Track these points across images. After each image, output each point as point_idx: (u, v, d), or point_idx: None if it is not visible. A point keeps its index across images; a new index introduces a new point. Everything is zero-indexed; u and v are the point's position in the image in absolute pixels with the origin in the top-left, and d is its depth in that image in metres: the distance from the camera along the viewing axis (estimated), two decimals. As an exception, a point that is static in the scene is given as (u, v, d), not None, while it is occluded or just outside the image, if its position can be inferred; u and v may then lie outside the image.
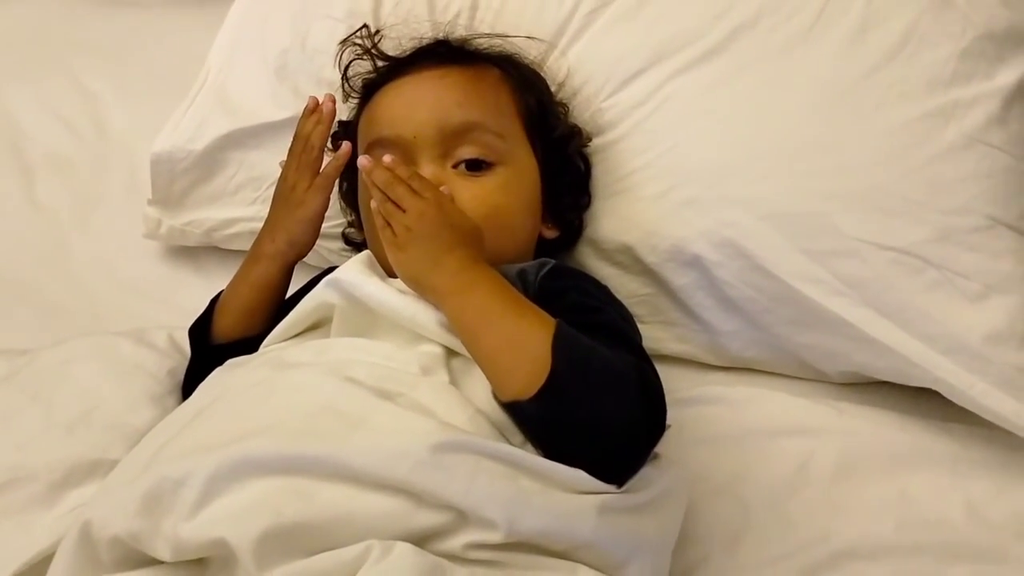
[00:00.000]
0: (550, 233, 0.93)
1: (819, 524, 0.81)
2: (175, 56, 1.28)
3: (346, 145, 0.85)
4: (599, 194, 0.96)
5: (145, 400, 0.88)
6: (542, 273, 0.80)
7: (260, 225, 1.05)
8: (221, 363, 0.81)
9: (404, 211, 0.75)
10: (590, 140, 0.97)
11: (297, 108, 1.04)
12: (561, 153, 0.93)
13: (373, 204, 0.77)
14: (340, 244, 1.04)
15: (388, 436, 0.65)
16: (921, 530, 0.80)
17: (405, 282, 0.76)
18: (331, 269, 0.94)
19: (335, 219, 1.00)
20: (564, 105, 0.97)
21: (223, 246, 1.12)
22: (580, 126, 0.96)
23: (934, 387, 0.84)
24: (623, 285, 0.94)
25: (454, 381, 0.72)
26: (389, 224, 0.76)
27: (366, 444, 0.64)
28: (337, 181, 0.91)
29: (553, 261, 0.82)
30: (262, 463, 0.63)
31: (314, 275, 0.93)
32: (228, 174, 1.08)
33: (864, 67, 0.89)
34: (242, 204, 1.08)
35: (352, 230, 1.01)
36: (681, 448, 0.76)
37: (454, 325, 0.73)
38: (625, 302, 0.84)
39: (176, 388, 0.92)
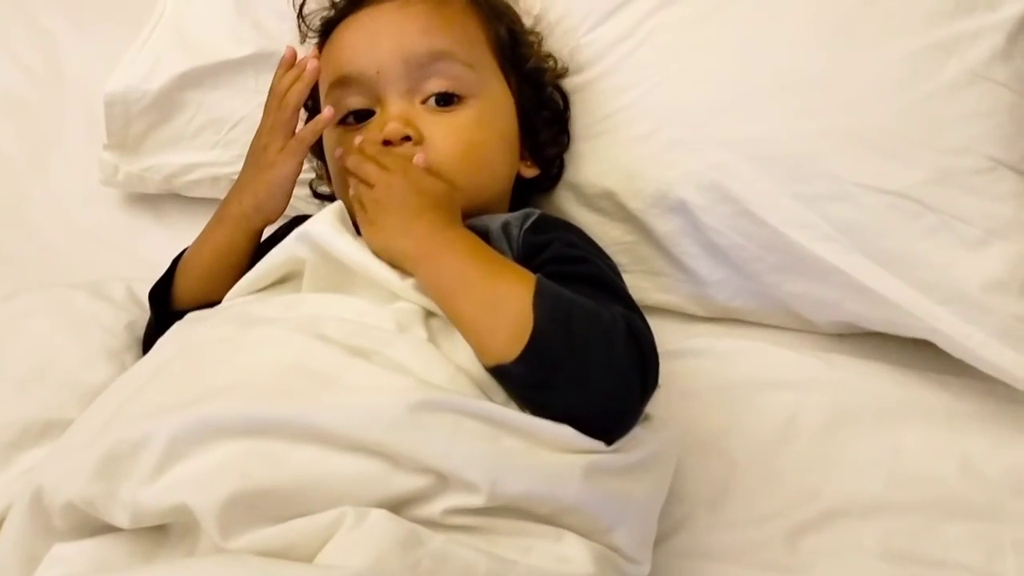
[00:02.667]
0: (529, 172, 0.89)
1: (808, 480, 0.78)
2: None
3: (328, 111, 0.79)
4: (579, 135, 0.91)
5: (101, 356, 0.84)
6: (526, 226, 0.76)
7: (222, 171, 1.03)
8: None
9: (373, 187, 0.73)
10: (566, 71, 0.92)
11: (259, 44, 1.00)
12: (537, 85, 0.89)
13: (351, 192, 0.75)
14: (308, 191, 0.99)
15: (362, 395, 0.62)
16: (914, 486, 0.77)
17: (378, 254, 0.72)
18: (299, 219, 0.90)
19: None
20: (538, 35, 0.92)
21: (184, 193, 1.07)
22: (556, 56, 0.91)
23: (930, 338, 0.80)
24: (605, 233, 0.90)
25: (432, 339, 0.69)
26: (363, 205, 0.73)
27: (338, 403, 0.61)
28: None
29: (537, 212, 0.79)
30: (227, 424, 0.60)
31: (281, 224, 0.89)
32: (187, 116, 1.03)
33: (860, -2, 0.84)
34: (203, 148, 1.03)
35: (319, 180, 0.97)
36: (666, 402, 0.72)
37: (430, 292, 0.70)
38: (607, 251, 0.80)
39: (135, 343, 0.88)
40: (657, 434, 0.69)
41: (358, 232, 0.75)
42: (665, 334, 0.83)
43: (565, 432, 0.63)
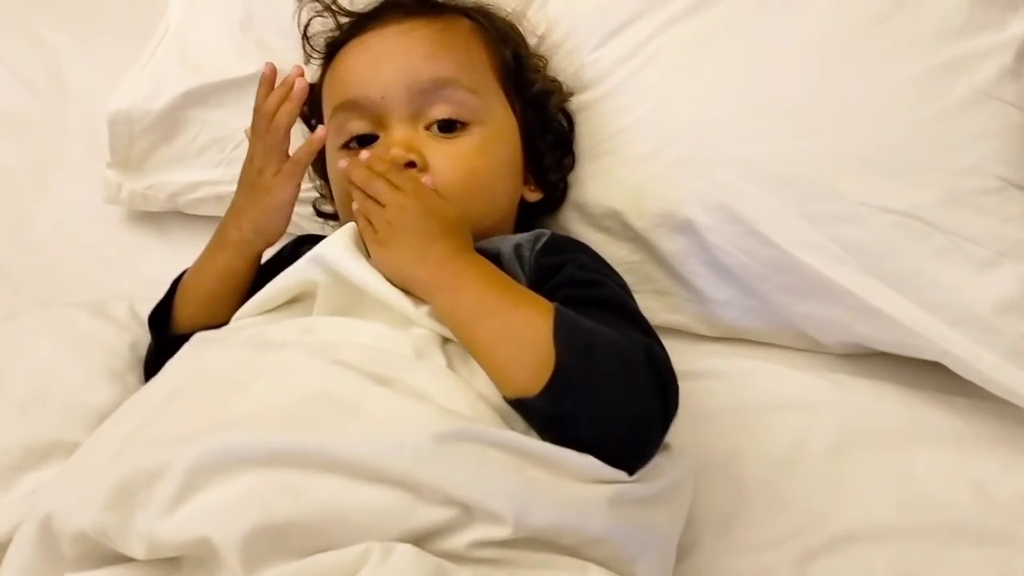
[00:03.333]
0: (533, 196, 0.88)
1: (817, 505, 0.77)
2: (139, 8, 1.20)
3: (320, 130, 0.78)
4: (584, 155, 0.91)
5: (104, 377, 0.84)
6: (537, 248, 0.76)
7: (226, 189, 1.01)
8: None
9: (383, 206, 0.71)
10: (571, 95, 0.91)
11: (263, 62, 0.96)
12: (541, 109, 0.88)
13: (355, 206, 0.73)
14: (310, 210, 0.98)
15: (386, 424, 0.61)
16: (925, 511, 0.76)
17: (390, 279, 0.71)
18: (302, 239, 0.90)
19: (306, 182, 0.94)
20: (543, 58, 0.91)
21: (188, 211, 1.07)
22: (561, 81, 0.91)
23: (940, 360, 0.79)
24: (611, 252, 0.88)
25: (451, 365, 0.68)
26: (371, 223, 0.72)
27: (362, 433, 0.60)
28: None
29: (548, 233, 0.78)
30: (248, 454, 0.58)
31: (288, 242, 0.89)
32: (190, 135, 1.03)
33: (868, 16, 0.83)
34: (207, 167, 1.03)
35: (322, 200, 0.96)
36: (675, 426, 0.71)
37: (446, 321, 0.69)
38: (614, 270, 0.79)
39: (137, 363, 0.87)
40: (676, 462, 0.69)
41: (366, 250, 0.74)
42: (673, 354, 0.81)
43: (589, 463, 0.62)
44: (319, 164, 0.91)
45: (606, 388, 0.63)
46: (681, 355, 0.85)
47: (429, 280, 0.70)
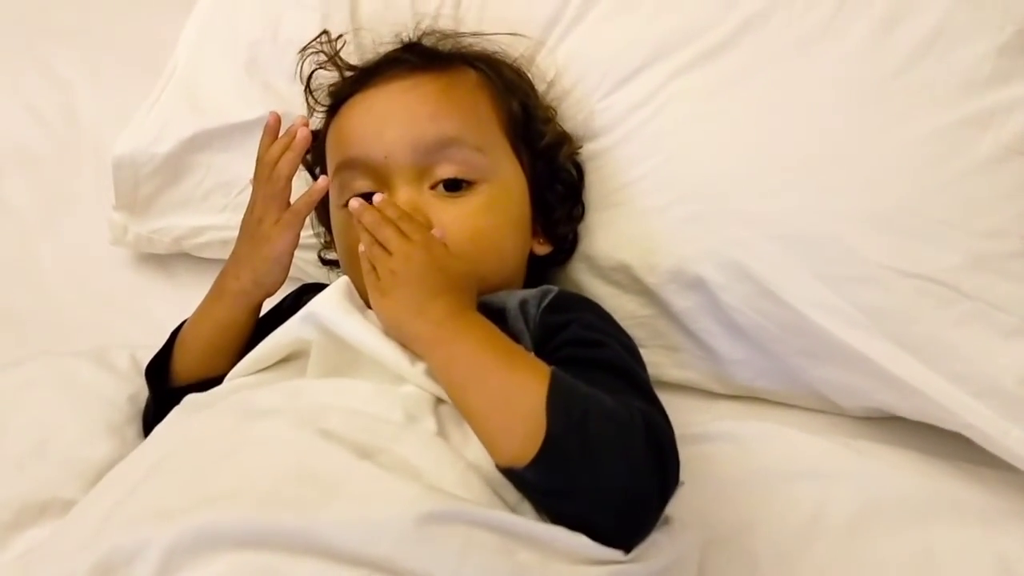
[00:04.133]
0: (541, 249, 0.86)
1: (834, 583, 0.74)
2: (154, 42, 1.19)
3: (322, 180, 0.76)
4: (593, 205, 0.88)
5: (103, 430, 0.83)
6: (543, 305, 0.74)
7: (231, 234, 0.99)
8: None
9: (390, 254, 0.69)
10: (581, 147, 0.89)
11: (269, 106, 0.97)
12: (551, 161, 0.86)
13: (361, 248, 0.71)
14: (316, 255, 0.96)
15: (368, 504, 0.58)
16: (946, 591, 0.72)
17: (387, 329, 0.70)
18: (305, 288, 0.89)
19: (310, 227, 0.93)
20: (552, 108, 0.89)
21: (194, 253, 1.06)
22: (571, 131, 0.89)
23: (964, 432, 0.76)
24: (620, 306, 0.86)
25: (442, 429, 0.66)
26: (375, 269, 0.70)
27: (343, 515, 0.57)
28: None
29: (555, 290, 0.76)
30: (227, 535, 0.57)
31: (289, 292, 0.88)
32: (196, 179, 1.01)
33: (890, 67, 0.80)
34: (212, 211, 1.02)
35: (326, 249, 0.94)
36: (684, 494, 0.68)
37: (440, 379, 0.67)
38: (622, 324, 0.76)
39: (137, 416, 0.86)
40: (678, 538, 0.66)
41: (366, 299, 0.72)
42: (683, 413, 0.80)
43: (581, 542, 0.60)
44: (323, 214, 0.90)
45: (599, 461, 0.61)
46: (691, 415, 0.83)
47: (426, 336, 0.68)
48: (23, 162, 1.19)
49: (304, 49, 0.91)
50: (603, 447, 0.61)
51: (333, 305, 0.70)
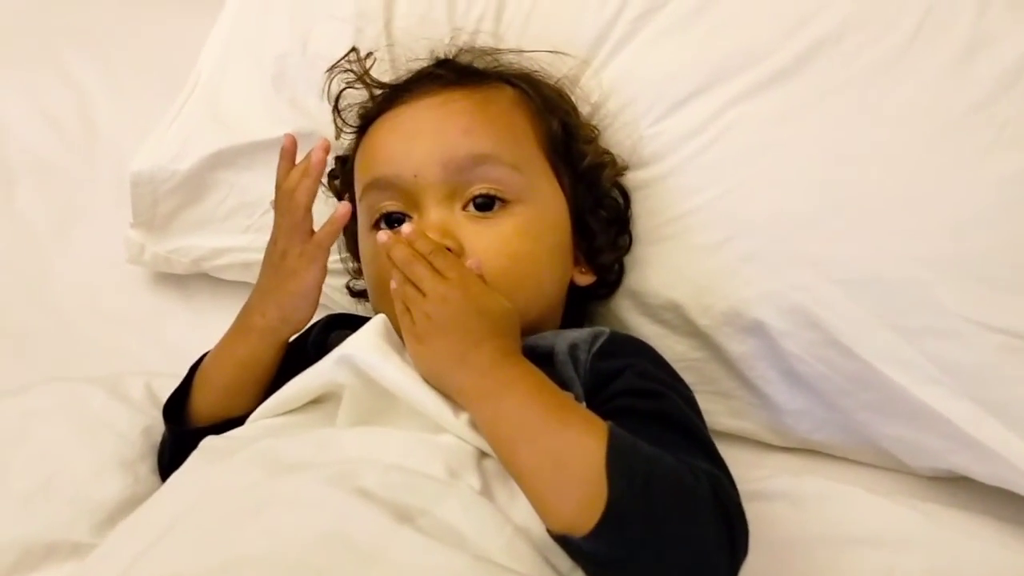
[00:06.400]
0: (584, 279, 0.81)
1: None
2: (175, 45, 1.16)
3: (344, 206, 0.71)
4: (642, 238, 0.83)
5: (114, 467, 0.78)
6: (594, 349, 0.69)
7: (253, 256, 0.95)
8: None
9: (424, 294, 0.65)
10: (627, 168, 0.83)
11: (296, 123, 0.93)
12: (593, 183, 0.81)
13: (393, 285, 0.66)
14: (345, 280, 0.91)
15: None
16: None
17: (426, 380, 0.65)
18: (333, 319, 0.83)
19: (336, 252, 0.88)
20: (594, 128, 0.84)
21: (214, 275, 1.01)
22: (614, 153, 0.83)
23: (1051, 503, 0.70)
24: (669, 347, 0.81)
25: (486, 487, 0.62)
26: (409, 310, 0.65)
27: None
28: None
29: (607, 331, 0.71)
30: None
31: (315, 322, 0.82)
32: (218, 197, 0.97)
33: (971, 99, 0.75)
34: (234, 232, 0.97)
35: (355, 279, 0.89)
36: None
37: (486, 435, 0.62)
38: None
39: (150, 451, 0.81)
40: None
41: (400, 332, 0.68)
42: (737, 467, 0.74)
43: None
44: (352, 243, 0.85)
45: (665, 531, 0.57)
46: (746, 469, 0.76)
47: (470, 388, 0.63)
48: (37, 170, 1.16)
49: (332, 68, 0.86)
50: (669, 516, 0.57)
51: (371, 347, 0.66)
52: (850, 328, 0.73)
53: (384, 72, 0.87)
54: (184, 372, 0.81)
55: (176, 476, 0.69)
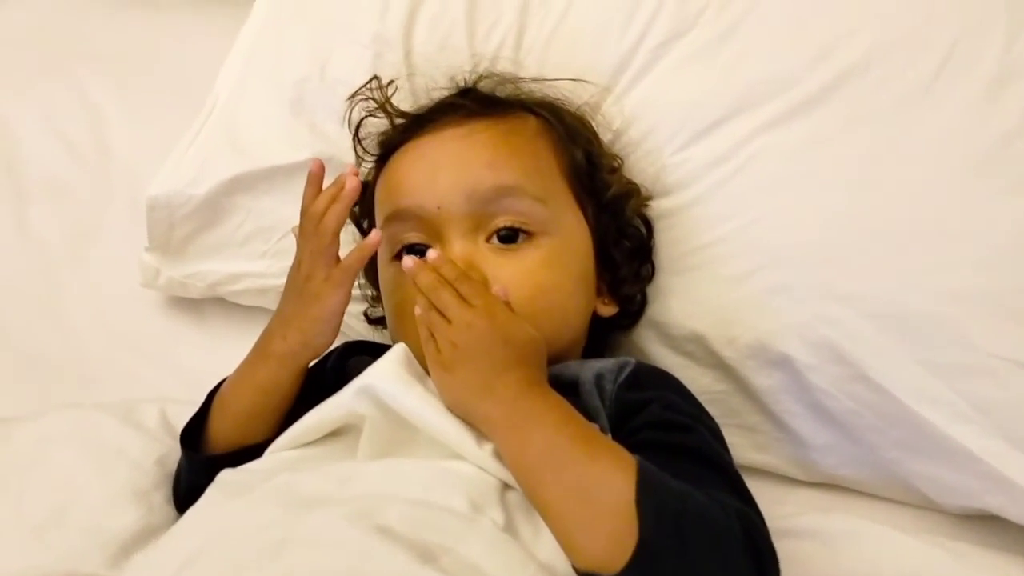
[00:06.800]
0: (607, 310, 0.80)
1: None
2: (192, 65, 1.15)
3: (374, 234, 0.71)
4: (665, 268, 0.82)
5: (127, 496, 0.77)
6: (620, 380, 0.68)
7: (270, 282, 0.95)
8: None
9: (449, 321, 0.64)
10: (650, 199, 0.83)
11: (315, 148, 0.92)
12: (617, 214, 0.80)
13: (418, 311, 0.65)
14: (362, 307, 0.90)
15: None
16: None
17: (451, 409, 0.64)
18: (350, 346, 0.82)
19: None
20: (618, 157, 0.83)
21: (230, 299, 1.00)
22: (639, 183, 0.83)
23: (1088, 546, 0.68)
24: (692, 379, 0.79)
25: (510, 522, 0.60)
26: (433, 337, 0.64)
27: None
28: None
29: (633, 362, 0.70)
30: None
31: (333, 349, 0.80)
32: (235, 222, 0.96)
33: (999, 132, 0.74)
34: (250, 258, 0.96)
35: (373, 307, 0.88)
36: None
37: (511, 466, 0.61)
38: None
39: (165, 479, 0.80)
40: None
41: (421, 359, 0.67)
42: (762, 502, 0.72)
43: None
44: (370, 270, 0.84)
45: (697, 571, 0.56)
46: (771, 505, 0.74)
47: (495, 418, 0.63)
48: (52, 192, 1.15)
49: (353, 96, 0.85)
50: (701, 555, 0.56)
51: (393, 377, 0.65)
52: (879, 363, 0.72)
53: (404, 99, 0.86)
54: (198, 398, 0.79)
55: (193, 511, 0.68)
